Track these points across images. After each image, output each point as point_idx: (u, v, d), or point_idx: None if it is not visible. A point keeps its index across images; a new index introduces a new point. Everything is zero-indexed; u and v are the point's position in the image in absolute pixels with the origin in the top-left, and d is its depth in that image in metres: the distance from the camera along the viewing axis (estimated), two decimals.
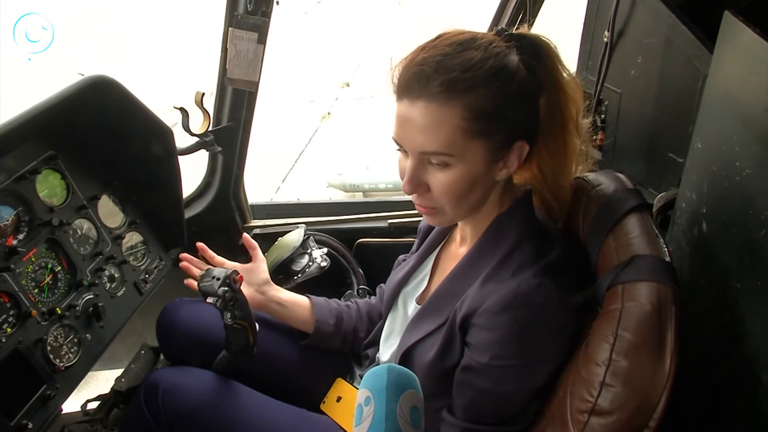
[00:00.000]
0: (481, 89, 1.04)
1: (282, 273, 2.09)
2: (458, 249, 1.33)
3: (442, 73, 1.03)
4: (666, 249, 1.08)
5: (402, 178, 1.15)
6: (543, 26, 2.30)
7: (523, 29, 1.15)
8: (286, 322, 1.61)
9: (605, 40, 2.04)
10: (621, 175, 1.28)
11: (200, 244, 1.62)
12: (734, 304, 1.09)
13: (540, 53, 1.12)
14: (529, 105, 1.12)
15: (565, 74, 1.15)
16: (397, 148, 1.15)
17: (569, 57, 2.46)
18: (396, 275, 1.47)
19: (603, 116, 2.21)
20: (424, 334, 1.23)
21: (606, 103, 2.17)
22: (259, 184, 6.42)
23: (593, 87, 2.14)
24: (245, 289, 1.49)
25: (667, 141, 1.87)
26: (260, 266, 1.60)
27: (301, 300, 1.61)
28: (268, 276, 1.60)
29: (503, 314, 1.07)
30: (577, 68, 2.35)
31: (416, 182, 1.12)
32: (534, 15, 2.24)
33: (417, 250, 1.48)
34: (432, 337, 1.22)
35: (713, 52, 1.28)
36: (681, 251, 1.33)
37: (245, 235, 1.65)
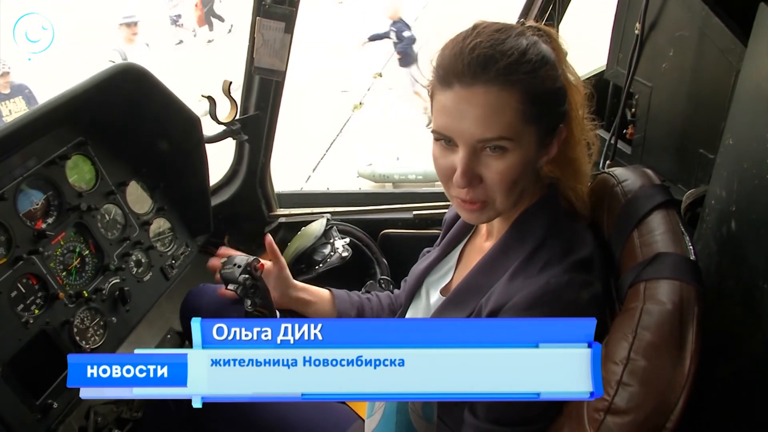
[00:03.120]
0: (535, 74, 1.04)
1: (304, 262, 2.10)
2: (484, 242, 1.31)
3: (501, 58, 1.02)
4: (691, 247, 1.06)
5: (440, 173, 1.12)
6: (573, 18, 2.27)
7: (531, 21, 1.16)
8: (309, 317, 1.60)
9: (636, 32, 2.00)
10: (648, 171, 1.26)
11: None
12: (762, 306, 1.06)
13: (553, 45, 1.13)
14: (564, 91, 1.12)
15: (569, 62, 1.16)
16: (439, 139, 1.11)
17: (600, 49, 2.43)
18: (420, 265, 1.47)
19: (633, 110, 2.17)
20: None
21: (636, 96, 2.13)
22: (290, 173, 6.48)
23: (623, 80, 2.10)
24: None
25: (698, 136, 1.83)
26: (283, 271, 1.56)
27: (324, 294, 1.60)
28: (291, 278, 1.57)
29: (531, 310, 1.05)
30: (608, 61, 2.31)
31: (471, 174, 1.08)
32: (564, 7, 2.21)
33: (441, 242, 1.47)
34: None
35: (747, 45, 1.25)
36: (709, 250, 1.30)
37: (268, 238, 1.59)
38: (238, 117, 2.06)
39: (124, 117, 1.65)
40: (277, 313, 1.46)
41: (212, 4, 11.09)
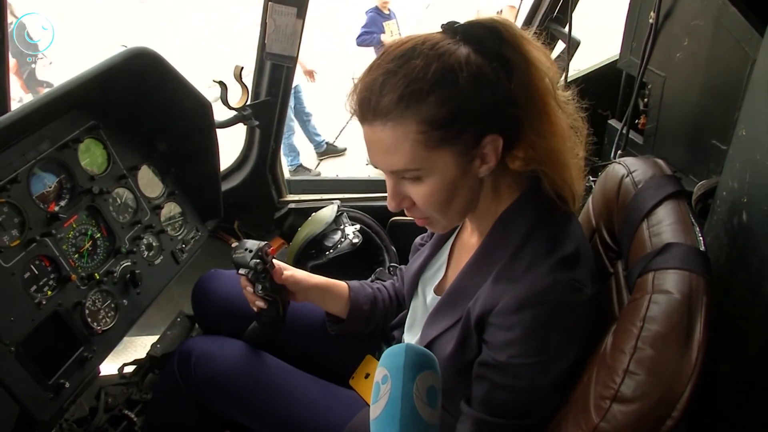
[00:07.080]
0: (430, 98, 1.00)
1: (314, 248, 2.11)
2: (470, 239, 1.31)
3: (387, 94, 1.01)
4: (701, 238, 1.05)
5: None
6: (587, 7, 2.26)
7: (476, 17, 1.08)
8: (325, 309, 1.60)
9: (651, 21, 1.98)
10: (660, 161, 1.25)
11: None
12: None
13: (500, 36, 1.05)
14: (489, 95, 1.04)
15: (531, 48, 1.07)
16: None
17: (614, 38, 2.41)
18: (414, 263, 1.46)
19: (646, 100, 2.16)
20: (442, 329, 1.22)
21: (649, 86, 2.11)
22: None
23: (637, 70, 2.08)
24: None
25: (711, 127, 1.81)
26: (294, 276, 1.51)
27: (340, 288, 1.58)
28: (303, 280, 1.52)
29: (519, 313, 1.05)
30: (621, 50, 2.29)
31: (399, 199, 1.12)
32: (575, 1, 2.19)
33: (431, 239, 1.46)
34: (449, 333, 1.21)
35: (763, 35, 1.23)
36: (719, 241, 1.29)
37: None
38: (249, 102, 2.07)
39: (136, 101, 1.66)
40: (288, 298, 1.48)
41: (32, 69, 9.11)
